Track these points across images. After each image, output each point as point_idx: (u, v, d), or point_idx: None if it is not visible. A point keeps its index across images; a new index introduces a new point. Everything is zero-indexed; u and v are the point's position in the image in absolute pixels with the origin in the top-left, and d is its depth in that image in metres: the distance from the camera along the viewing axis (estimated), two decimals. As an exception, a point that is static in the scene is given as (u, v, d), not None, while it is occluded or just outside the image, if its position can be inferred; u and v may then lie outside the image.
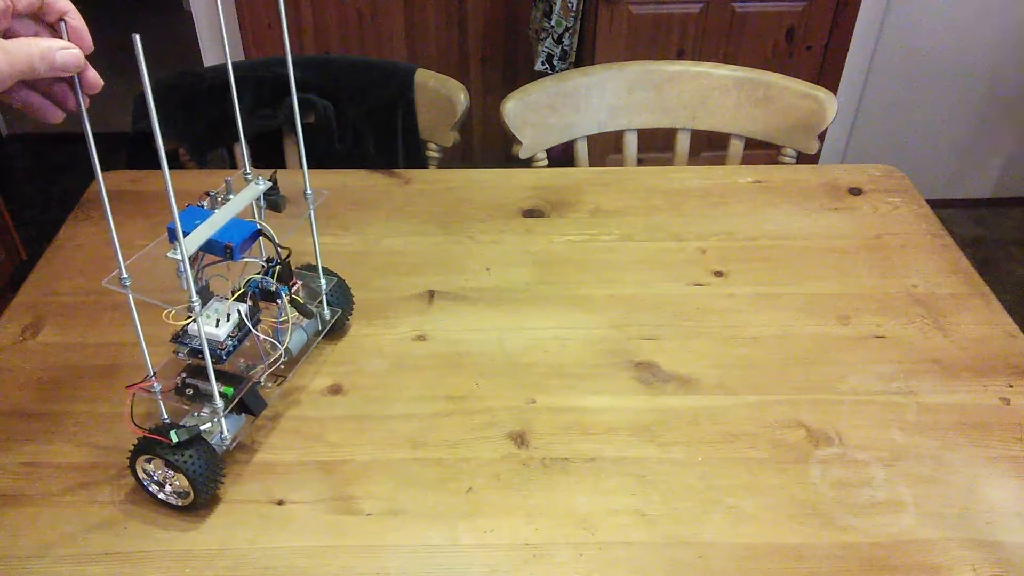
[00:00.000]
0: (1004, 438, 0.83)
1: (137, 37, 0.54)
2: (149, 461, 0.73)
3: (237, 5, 2.20)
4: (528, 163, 1.35)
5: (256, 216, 0.79)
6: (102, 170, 0.61)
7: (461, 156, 2.50)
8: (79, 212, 1.12)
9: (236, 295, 0.77)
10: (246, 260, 0.75)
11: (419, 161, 1.42)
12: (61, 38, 0.58)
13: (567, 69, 2.11)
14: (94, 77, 0.60)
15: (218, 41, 2.37)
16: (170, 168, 0.61)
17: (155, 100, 0.56)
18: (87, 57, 0.59)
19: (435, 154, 1.41)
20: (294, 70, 1.44)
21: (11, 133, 2.91)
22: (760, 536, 0.74)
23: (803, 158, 1.38)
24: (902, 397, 0.87)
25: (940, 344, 0.93)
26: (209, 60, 2.39)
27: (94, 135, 0.59)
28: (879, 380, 0.89)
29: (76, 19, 0.59)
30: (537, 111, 1.34)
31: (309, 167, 0.82)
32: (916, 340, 0.94)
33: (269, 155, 1.44)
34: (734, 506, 0.76)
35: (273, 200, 0.79)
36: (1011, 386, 0.88)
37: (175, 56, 2.89)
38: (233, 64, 1.48)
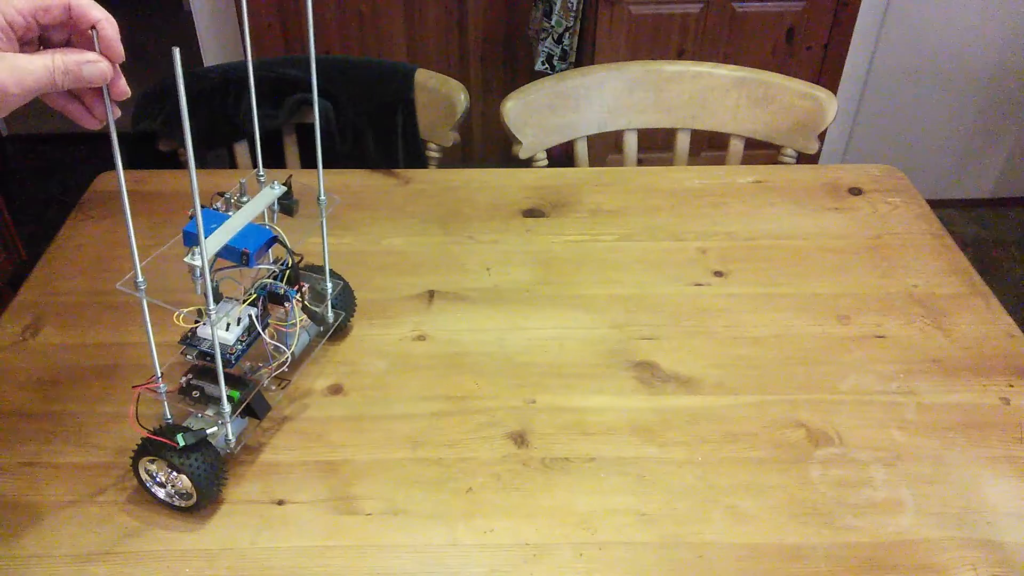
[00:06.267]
0: (1004, 438, 0.83)
1: (177, 51, 0.53)
2: (152, 462, 0.73)
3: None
4: (528, 163, 1.35)
5: (267, 219, 0.79)
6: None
7: (461, 156, 2.50)
8: (79, 212, 1.12)
9: (248, 301, 0.77)
10: (258, 266, 0.75)
11: (419, 161, 1.42)
12: (94, 47, 0.57)
13: (567, 69, 2.11)
14: (123, 86, 0.59)
15: (218, 41, 2.37)
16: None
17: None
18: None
19: (435, 154, 1.41)
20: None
21: (11, 133, 2.91)
22: (760, 536, 0.74)
23: (803, 158, 1.38)
24: (902, 397, 0.87)
25: (940, 344, 0.93)
26: (209, 60, 2.39)
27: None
28: (879, 380, 0.89)
29: (108, 28, 0.57)
30: (537, 111, 1.34)
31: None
32: (916, 340, 0.94)
33: (268, 155, 1.44)
34: (734, 506, 0.76)
35: (286, 204, 0.79)
36: (1011, 386, 0.88)
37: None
38: (235, 64, 1.48)
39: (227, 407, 0.74)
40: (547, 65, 2.11)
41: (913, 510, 0.76)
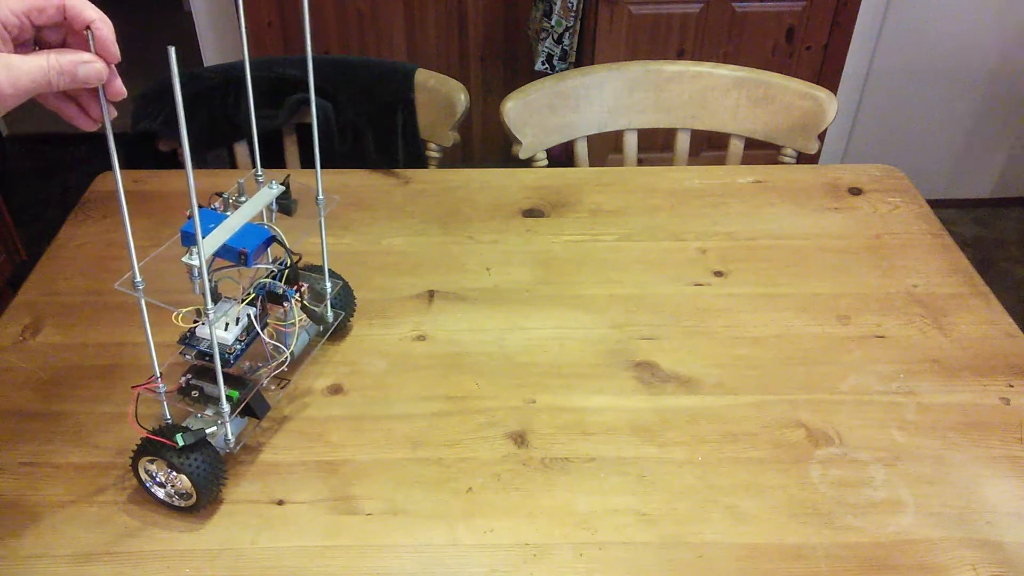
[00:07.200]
0: (1004, 438, 0.83)
1: (172, 50, 0.53)
2: (152, 462, 0.73)
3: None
4: (528, 163, 1.35)
5: (266, 219, 0.79)
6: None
7: (461, 156, 2.50)
8: (79, 212, 1.12)
9: (247, 300, 0.77)
10: (256, 265, 0.75)
11: (419, 161, 1.42)
12: (89, 48, 0.57)
13: (567, 69, 2.11)
14: (119, 86, 0.59)
15: (218, 41, 2.37)
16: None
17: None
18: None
19: (435, 154, 1.41)
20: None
21: (11, 133, 2.91)
22: (760, 536, 0.74)
23: (803, 158, 1.38)
24: (902, 397, 0.87)
25: (940, 344, 0.93)
26: (209, 60, 2.39)
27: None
28: (879, 380, 0.89)
29: (103, 28, 0.57)
30: (537, 111, 1.34)
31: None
32: (916, 340, 0.94)
33: (268, 155, 1.44)
34: (734, 506, 0.76)
35: (285, 204, 0.79)
36: (1011, 386, 0.88)
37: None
38: (235, 64, 1.47)
39: (226, 407, 0.74)
40: (547, 65, 2.11)
41: (913, 510, 0.76)
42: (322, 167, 0.81)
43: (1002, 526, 0.74)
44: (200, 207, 0.73)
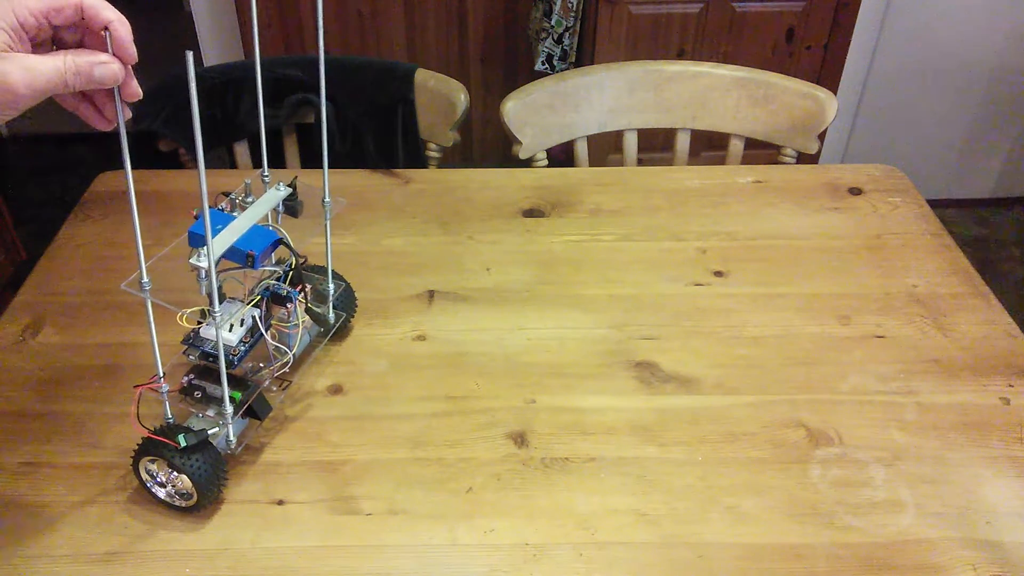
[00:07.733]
0: (1004, 438, 0.83)
1: (190, 54, 0.53)
2: (153, 462, 0.73)
3: (237, 5, 2.20)
4: (528, 163, 1.35)
5: (271, 220, 0.79)
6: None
7: (461, 156, 2.50)
8: (79, 212, 1.12)
9: (252, 302, 0.77)
10: (263, 267, 0.75)
11: (419, 161, 1.42)
12: (106, 48, 0.57)
13: (567, 69, 2.11)
14: (135, 88, 0.59)
15: (218, 41, 2.36)
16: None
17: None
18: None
19: (435, 154, 1.41)
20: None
21: (11, 133, 2.91)
22: (760, 536, 0.74)
23: (803, 158, 1.38)
24: (902, 397, 0.87)
25: (940, 344, 0.93)
26: (209, 60, 2.39)
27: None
28: (879, 380, 0.89)
29: (121, 29, 0.56)
30: (537, 111, 1.34)
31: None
32: (916, 340, 0.94)
33: (268, 154, 1.44)
34: (734, 506, 0.76)
35: (291, 205, 0.79)
36: (1011, 386, 0.88)
37: (175, 56, 2.89)
38: (234, 64, 1.48)
39: (229, 408, 0.74)
40: (547, 65, 2.11)
41: (913, 510, 0.76)
42: (322, 166, 0.81)
43: (1002, 526, 0.74)
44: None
